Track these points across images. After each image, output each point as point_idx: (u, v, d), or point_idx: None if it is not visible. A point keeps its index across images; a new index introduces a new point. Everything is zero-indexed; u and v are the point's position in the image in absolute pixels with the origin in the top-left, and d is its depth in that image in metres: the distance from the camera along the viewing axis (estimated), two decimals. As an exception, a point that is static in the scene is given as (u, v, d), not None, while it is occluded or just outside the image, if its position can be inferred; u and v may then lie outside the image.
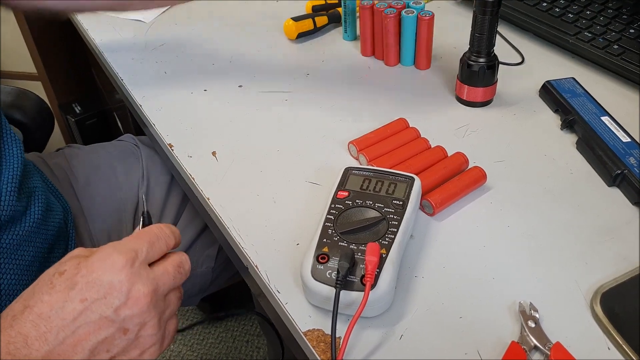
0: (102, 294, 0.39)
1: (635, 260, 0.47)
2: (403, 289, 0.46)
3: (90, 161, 0.78)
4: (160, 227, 0.44)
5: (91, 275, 0.39)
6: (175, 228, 0.45)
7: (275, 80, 0.72)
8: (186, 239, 0.75)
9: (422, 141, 0.59)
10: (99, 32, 0.84)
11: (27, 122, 0.90)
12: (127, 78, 0.74)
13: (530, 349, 0.41)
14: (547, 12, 0.75)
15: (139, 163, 0.78)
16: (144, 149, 0.81)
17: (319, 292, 0.43)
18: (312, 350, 0.42)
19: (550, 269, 0.47)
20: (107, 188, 0.75)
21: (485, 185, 0.55)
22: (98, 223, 0.73)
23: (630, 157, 0.54)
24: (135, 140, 0.83)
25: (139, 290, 0.40)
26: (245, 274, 0.52)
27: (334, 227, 0.46)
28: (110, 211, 0.74)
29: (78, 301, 0.39)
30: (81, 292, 0.39)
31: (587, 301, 0.44)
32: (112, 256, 0.40)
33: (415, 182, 0.51)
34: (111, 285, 0.39)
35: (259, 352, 1.26)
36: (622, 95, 0.66)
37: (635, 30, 0.69)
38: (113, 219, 0.74)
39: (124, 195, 0.75)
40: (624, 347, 0.41)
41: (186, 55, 0.78)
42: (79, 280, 0.39)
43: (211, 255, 0.77)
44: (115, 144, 0.83)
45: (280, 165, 0.59)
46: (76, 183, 0.74)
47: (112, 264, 0.40)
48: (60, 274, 0.40)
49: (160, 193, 0.76)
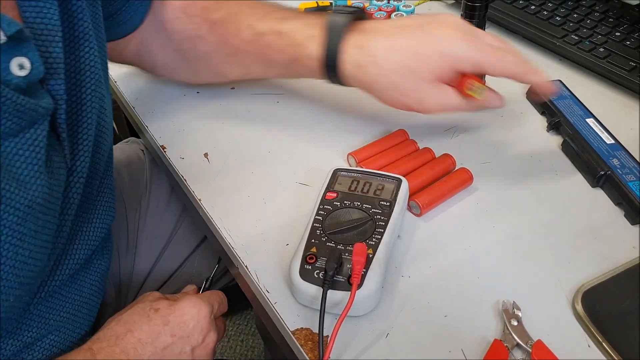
0: (187, 334, 0.49)
1: (616, 260, 0.48)
2: (390, 288, 0.47)
3: None
4: (222, 294, 0.57)
5: (182, 317, 0.49)
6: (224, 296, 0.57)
7: (268, 82, 0.73)
8: (186, 248, 0.75)
9: (411, 143, 0.60)
10: (93, 34, 0.85)
11: None
12: (119, 80, 0.74)
13: (513, 347, 0.42)
14: (535, 15, 0.76)
15: (144, 170, 0.77)
16: (148, 154, 0.79)
17: (307, 291, 0.44)
18: (300, 349, 0.43)
19: (533, 268, 0.48)
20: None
21: (472, 186, 0.56)
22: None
23: (614, 159, 0.56)
24: (141, 145, 0.82)
25: (211, 337, 0.51)
26: (236, 274, 0.53)
27: (322, 228, 0.47)
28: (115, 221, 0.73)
29: (169, 335, 0.48)
30: (172, 329, 0.48)
31: (569, 300, 0.46)
32: (199, 305, 0.50)
33: (403, 183, 0.52)
34: (194, 329, 0.49)
35: (254, 351, 1.27)
36: (607, 97, 0.67)
37: (621, 34, 0.70)
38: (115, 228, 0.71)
39: (127, 205, 0.73)
40: (603, 344, 0.42)
41: (179, 57, 0.79)
42: (171, 320, 0.49)
43: (211, 267, 0.77)
44: (122, 149, 0.81)
45: (271, 167, 0.60)
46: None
47: (198, 312, 0.50)
48: (156, 310, 0.49)
49: (162, 202, 0.75)
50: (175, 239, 0.74)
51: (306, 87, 0.72)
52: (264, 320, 0.50)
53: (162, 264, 0.73)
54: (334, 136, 0.63)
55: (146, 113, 0.69)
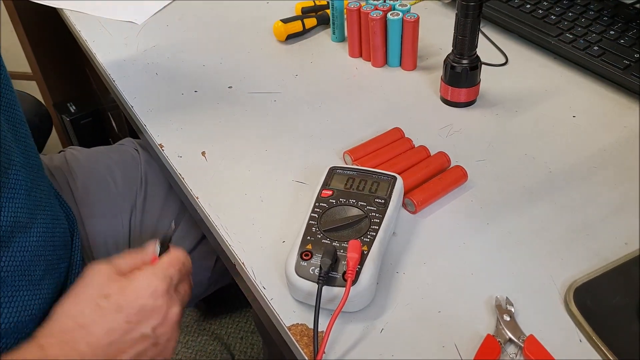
0: (145, 317, 0.47)
1: (607, 256, 0.49)
2: (385, 284, 0.48)
3: (90, 167, 0.77)
4: (183, 254, 0.52)
5: (136, 301, 0.46)
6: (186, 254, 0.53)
7: (265, 81, 0.73)
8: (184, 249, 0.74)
9: (406, 141, 0.61)
10: (91, 33, 0.86)
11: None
12: (118, 79, 0.75)
13: (505, 342, 0.43)
14: (530, 13, 0.76)
15: (138, 170, 0.78)
16: (143, 154, 0.80)
17: (303, 287, 0.45)
18: (295, 344, 0.44)
19: (526, 264, 0.49)
20: (105, 196, 0.74)
21: (467, 184, 0.57)
22: (95, 231, 0.72)
23: (607, 156, 0.56)
24: (135, 144, 0.83)
25: (173, 312, 0.49)
26: (233, 271, 0.54)
27: (318, 225, 0.48)
28: (107, 219, 0.73)
29: (124, 322, 0.46)
30: (127, 315, 0.46)
31: (561, 295, 0.46)
32: (154, 283, 0.47)
33: (398, 181, 0.52)
34: (153, 310, 0.47)
35: (253, 348, 1.28)
36: (601, 95, 0.67)
37: (615, 32, 0.70)
38: (110, 228, 0.73)
39: (122, 204, 0.74)
40: (594, 339, 0.42)
41: (177, 57, 0.79)
42: (124, 305, 0.46)
43: (208, 267, 0.77)
44: (115, 149, 0.82)
45: (268, 165, 0.60)
46: (76, 190, 0.73)
47: (154, 292, 0.47)
48: (106, 296, 0.46)
49: (158, 202, 0.76)
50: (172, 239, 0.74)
51: (302, 86, 0.72)
52: (261, 317, 0.51)
53: None
54: (330, 134, 0.64)
55: (144, 112, 0.69)
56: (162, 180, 0.77)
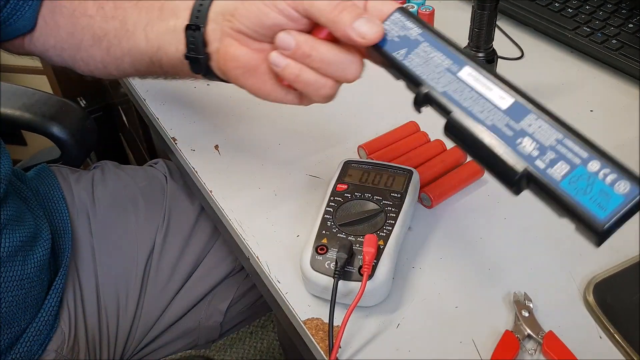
0: None
1: (627, 253, 0.48)
2: (401, 279, 0.47)
3: (115, 194, 0.73)
4: None
5: None
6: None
7: (277, 75, 0.73)
8: (198, 293, 0.71)
9: (422, 135, 0.60)
10: (104, 27, 0.85)
11: (66, 138, 0.82)
12: (131, 72, 0.75)
13: (524, 338, 0.42)
14: (547, 7, 0.75)
15: (163, 205, 0.73)
16: (170, 184, 0.75)
17: (318, 282, 0.44)
18: (311, 338, 0.44)
19: (545, 260, 0.48)
20: (124, 232, 0.70)
21: (483, 179, 0.56)
22: (105, 270, 0.68)
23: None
24: (165, 168, 0.78)
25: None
26: (247, 265, 0.53)
27: (333, 219, 0.48)
28: (122, 258, 0.69)
29: None
30: None
31: (580, 292, 0.45)
32: None
33: (414, 175, 0.52)
34: None
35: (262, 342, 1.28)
36: (619, 89, 0.66)
37: (634, 25, 0.69)
38: (123, 267, 0.69)
39: (140, 242, 0.70)
40: (615, 336, 0.42)
41: (189, 50, 0.79)
42: None
43: (221, 311, 0.74)
44: (145, 174, 0.77)
45: (282, 159, 0.60)
46: (94, 218, 0.70)
47: None
48: None
49: (178, 245, 0.71)
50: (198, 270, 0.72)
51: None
52: (276, 311, 0.50)
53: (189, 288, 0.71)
54: (344, 128, 0.63)
55: (157, 106, 0.69)
56: (184, 219, 0.73)
